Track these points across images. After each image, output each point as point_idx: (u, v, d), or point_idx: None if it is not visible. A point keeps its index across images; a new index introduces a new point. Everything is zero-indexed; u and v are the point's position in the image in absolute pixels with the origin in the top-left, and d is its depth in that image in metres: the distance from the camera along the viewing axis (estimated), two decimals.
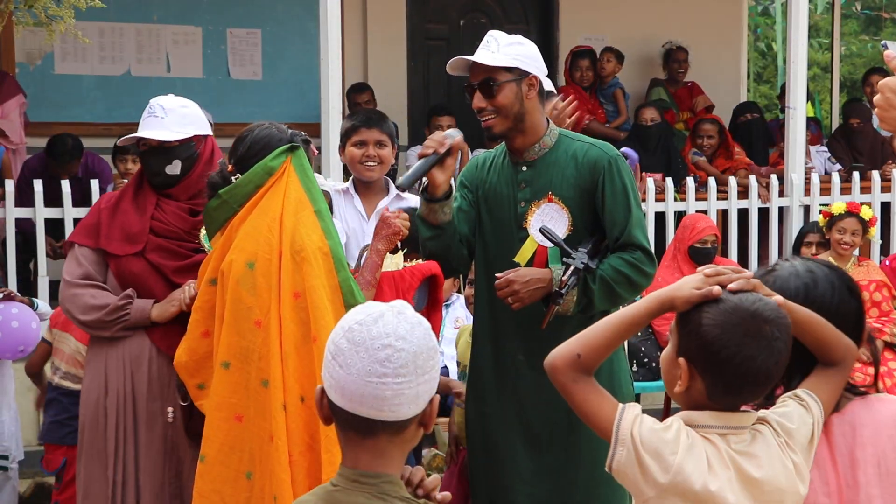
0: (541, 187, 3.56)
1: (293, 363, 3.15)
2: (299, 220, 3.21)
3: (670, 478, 2.10)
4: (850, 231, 6.54)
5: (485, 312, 3.68)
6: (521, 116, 3.53)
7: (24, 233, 6.69)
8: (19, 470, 5.61)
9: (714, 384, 2.14)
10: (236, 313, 3.23)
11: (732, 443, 2.16)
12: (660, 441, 2.12)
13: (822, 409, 2.25)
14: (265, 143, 3.37)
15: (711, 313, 2.12)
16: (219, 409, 3.26)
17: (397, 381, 1.92)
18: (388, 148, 4.43)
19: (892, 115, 2.31)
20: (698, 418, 2.16)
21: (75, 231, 3.90)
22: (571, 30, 9.89)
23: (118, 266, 3.76)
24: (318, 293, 3.15)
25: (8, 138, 7.41)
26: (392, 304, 1.99)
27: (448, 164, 3.47)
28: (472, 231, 3.65)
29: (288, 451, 3.12)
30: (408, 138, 9.29)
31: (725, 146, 8.76)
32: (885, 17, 19.35)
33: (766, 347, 2.10)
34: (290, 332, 3.16)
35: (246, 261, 3.22)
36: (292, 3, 9.06)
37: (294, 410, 3.14)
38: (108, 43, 8.67)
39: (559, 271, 3.44)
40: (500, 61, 3.49)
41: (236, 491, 3.23)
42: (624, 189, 3.52)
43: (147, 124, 3.78)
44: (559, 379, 2.19)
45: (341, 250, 3.26)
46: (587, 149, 3.57)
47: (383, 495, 1.96)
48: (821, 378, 2.29)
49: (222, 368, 3.24)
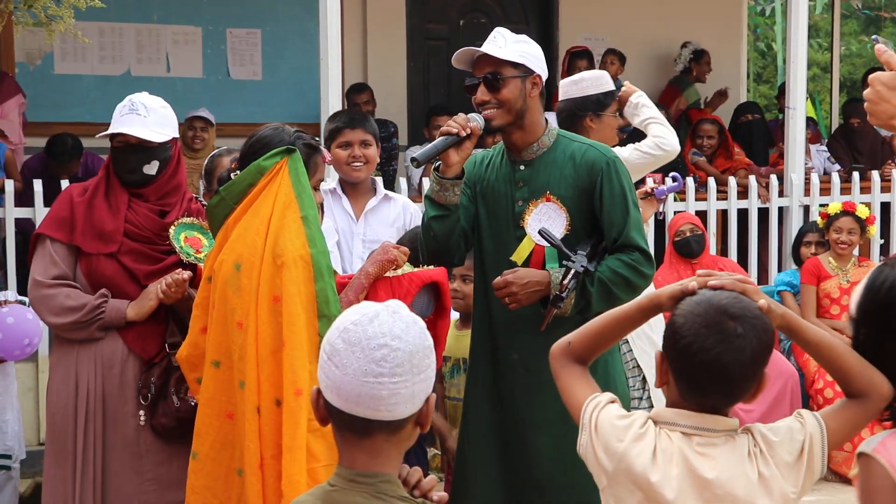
0: (538, 186, 3.56)
1: (269, 367, 3.15)
2: (284, 225, 3.21)
3: (615, 465, 2.17)
4: (847, 230, 6.55)
5: (482, 310, 3.68)
6: (523, 113, 3.54)
7: (24, 233, 6.69)
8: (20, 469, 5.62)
9: (679, 378, 2.17)
10: (224, 313, 3.24)
11: (695, 443, 2.16)
12: (612, 427, 2.20)
13: (825, 432, 2.20)
14: (265, 143, 3.37)
15: (684, 305, 2.18)
16: (210, 407, 3.27)
17: (393, 381, 1.93)
18: (373, 147, 4.46)
19: (881, 109, 2.29)
20: (665, 414, 2.20)
21: (45, 223, 3.81)
22: (571, 30, 9.89)
23: (89, 265, 3.73)
24: (294, 300, 3.15)
25: (7, 138, 7.41)
26: (387, 303, 1.99)
27: (466, 147, 3.49)
28: (470, 226, 3.65)
29: (260, 453, 3.12)
30: (407, 138, 9.29)
31: (725, 146, 8.76)
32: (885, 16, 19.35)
33: (724, 342, 2.10)
34: (267, 335, 3.16)
35: (234, 262, 3.23)
36: (292, 3, 9.06)
37: (268, 414, 3.13)
38: (108, 43, 8.68)
39: (557, 274, 3.43)
40: (509, 55, 3.50)
41: (228, 487, 3.24)
42: (622, 191, 3.52)
43: (128, 121, 3.75)
44: (553, 365, 2.28)
45: (323, 259, 3.24)
46: (585, 149, 3.57)
47: (381, 495, 1.96)
48: (840, 406, 2.25)
49: (212, 367, 3.26)
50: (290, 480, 3.04)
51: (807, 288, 6.61)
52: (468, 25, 9.73)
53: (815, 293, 6.60)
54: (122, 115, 3.78)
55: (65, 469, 3.71)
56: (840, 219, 6.58)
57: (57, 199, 3.87)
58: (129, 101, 3.80)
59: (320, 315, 3.19)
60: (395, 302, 2.00)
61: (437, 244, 3.61)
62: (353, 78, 8.81)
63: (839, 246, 6.57)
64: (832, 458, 6.32)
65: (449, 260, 3.70)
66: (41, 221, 3.94)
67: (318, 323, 3.18)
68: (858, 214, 6.57)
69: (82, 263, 3.74)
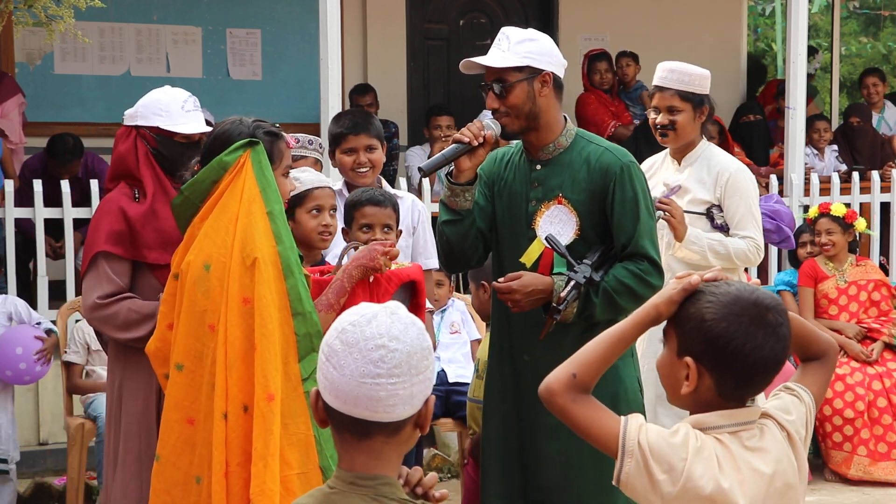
0: (552, 188, 3.52)
1: (237, 371, 3.05)
2: (250, 223, 3.11)
3: (680, 486, 2.09)
4: (825, 231, 6.56)
5: (499, 310, 3.65)
6: (535, 115, 3.49)
7: (24, 233, 6.69)
8: (18, 470, 5.63)
9: (724, 379, 2.13)
10: (191, 315, 3.14)
11: (744, 439, 2.15)
12: (668, 447, 2.10)
13: (814, 400, 2.26)
14: (225, 139, 3.26)
15: (713, 308, 2.12)
16: (173, 411, 3.18)
17: (391, 382, 1.92)
18: (378, 151, 4.41)
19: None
20: (707, 420, 2.15)
21: (100, 239, 3.61)
22: (571, 30, 9.88)
23: (153, 277, 3.58)
24: (265, 301, 3.06)
25: (7, 138, 7.41)
26: (385, 304, 1.99)
27: (479, 154, 3.45)
28: (488, 226, 3.61)
29: (226, 460, 3.03)
30: (407, 138, 9.29)
31: (725, 147, 8.75)
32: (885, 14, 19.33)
33: (773, 334, 2.11)
34: (236, 338, 3.06)
35: (203, 262, 3.13)
36: (292, 3, 9.06)
37: (235, 420, 3.04)
38: (108, 43, 8.68)
39: (561, 282, 3.41)
40: (510, 61, 3.45)
41: (186, 494, 3.15)
42: (634, 197, 3.46)
43: (196, 117, 3.72)
44: (558, 402, 2.15)
45: (292, 255, 3.15)
46: (601, 153, 3.52)
47: (381, 497, 1.95)
48: (807, 373, 2.31)
49: (176, 370, 3.16)
50: (263, 489, 2.97)
51: (804, 290, 6.61)
52: (468, 25, 9.73)
53: (812, 295, 6.60)
54: (188, 111, 3.72)
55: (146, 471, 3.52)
56: (817, 222, 6.60)
57: (105, 213, 3.66)
58: (191, 98, 3.76)
59: (294, 313, 3.12)
60: (394, 303, 2.00)
61: (451, 248, 3.59)
62: (352, 78, 8.81)
63: (823, 248, 6.59)
64: (832, 458, 6.32)
65: (466, 263, 3.68)
66: (89, 239, 3.67)
67: (294, 321, 3.11)
68: (835, 213, 6.57)
69: (142, 277, 3.62)
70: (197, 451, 3.14)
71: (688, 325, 2.15)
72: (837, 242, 6.55)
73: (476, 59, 3.49)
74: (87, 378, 5.59)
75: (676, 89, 4.54)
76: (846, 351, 6.42)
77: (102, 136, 8.01)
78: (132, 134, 3.73)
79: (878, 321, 6.55)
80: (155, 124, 3.70)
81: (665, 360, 2.21)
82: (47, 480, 5.97)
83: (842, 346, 6.43)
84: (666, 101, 4.56)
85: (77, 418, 5.46)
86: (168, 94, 3.78)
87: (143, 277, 3.64)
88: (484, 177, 3.60)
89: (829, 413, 6.30)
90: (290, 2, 9.09)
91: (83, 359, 5.56)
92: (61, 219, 6.56)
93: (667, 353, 2.20)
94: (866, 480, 6.22)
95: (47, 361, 5.41)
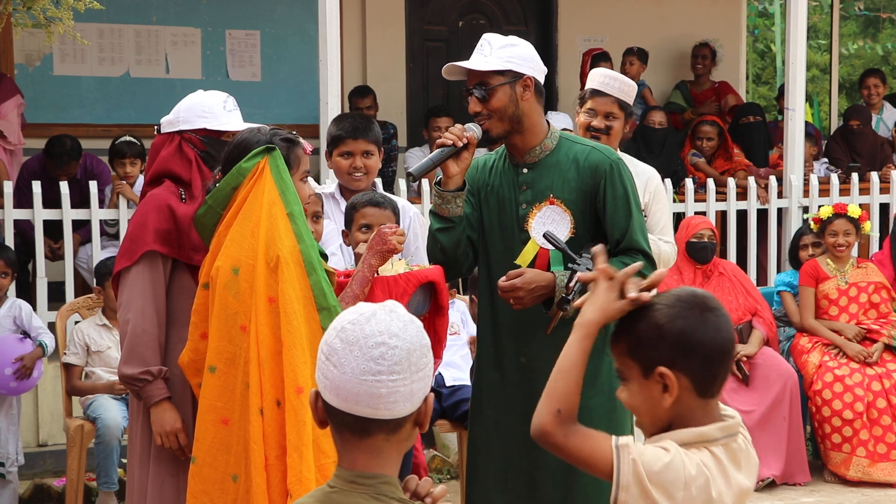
0: (542, 189, 3.55)
1: (269, 368, 3.18)
2: (272, 224, 3.23)
3: None
4: (843, 232, 6.56)
5: (486, 315, 3.67)
6: (518, 118, 3.52)
7: (23, 234, 6.69)
8: (19, 471, 5.62)
9: (699, 374, 2.15)
10: (224, 318, 3.25)
11: (735, 451, 2.18)
12: (667, 470, 2.10)
13: None
14: (244, 147, 3.34)
15: (662, 312, 2.15)
16: (208, 413, 3.29)
17: (392, 379, 1.93)
18: (375, 157, 4.44)
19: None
20: (709, 433, 2.16)
21: (148, 237, 3.56)
22: (570, 31, 9.88)
23: (189, 278, 3.57)
24: (289, 298, 3.17)
25: (6, 139, 7.41)
26: (384, 303, 2.00)
27: (464, 157, 3.48)
28: (476, 234, 3.64)
29: (265, 454, 3.15)
30: (406, 140, 9.29)
31: (725, 148, 8.76)
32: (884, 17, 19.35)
33: (721, 316, 2.18)
34: (265, 336, 3.19)
35: (232, 266, 3.24)
36: (291, 5, 9.06)
37: (270, 415, 3.16)
38: (107, 44, 8.67)
39: (563, 277, 3.42)
40: (492, 65, 3.48)
41: (223, 493, 3.26)
42: (625, 193, 3.51)
43: (238, 116, 3.74)
44: (552, 441, 2.16)
45: (313, 252, 3.26)
46: (588, 152, 3.56)
47: (381, 496, 1.96)
48: None
49: (209, 373, 3.28)
50: (300, 478, 3.07)
51: (805, 290, 6.61)
52: (467, 27, 9.72)
53: (813, 295, 6.60)
54: (230, 111, 3.74)
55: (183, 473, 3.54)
56: (834, 222, 6.59)
57: (153, 208, 3.60)
58: (229, 98, 3.77)
59: (320, 308, 3.22)
60: (392, 302, 2.01)
61: (445, 256, 3.61)
62: (352, 79, 8.81)
63: (837, 249, 6.58)
64: (831, 460, 6.32)
65: (458, 270, 3.69)
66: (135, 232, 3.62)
67: (319, 316, 3.21)
68: (851, 215, 6.58)
69: (178, 274, 3.61)
70: (233, 450, 3.24)
71: (645, 339, 2.15)
72: (851, 243, 6.58)
73: (459, 63, 3.52)
74: (86, 380, 5.59)
75: (616, 97, 4.59)
76: (845, 352, 6.42)
77: (101, 137, 8.02)
78: (175, 139, 3.69)
79: (877, 323, 6.55)
80: (201, 126, 3.70)
81: (634, 392, 2.19)
82: (47, 482, 5.97)
83: (841, 347, 6.44)
84: (605, 107, 4.59)
85: (76, 420, 5.46)
86: (208, 96, 3.79)
87: (181, 277, 3.64)
88: (468, 184, 3.62)
89: (829, 414, 6.30)
90: (289, 3, 9.09)
91: (82, 360, 5.56)
92: (60, 220, 6.56)
93: (632, 385, 2.19)
94: (865, 481, 6.22)
95: (27, 377, 5.44)
